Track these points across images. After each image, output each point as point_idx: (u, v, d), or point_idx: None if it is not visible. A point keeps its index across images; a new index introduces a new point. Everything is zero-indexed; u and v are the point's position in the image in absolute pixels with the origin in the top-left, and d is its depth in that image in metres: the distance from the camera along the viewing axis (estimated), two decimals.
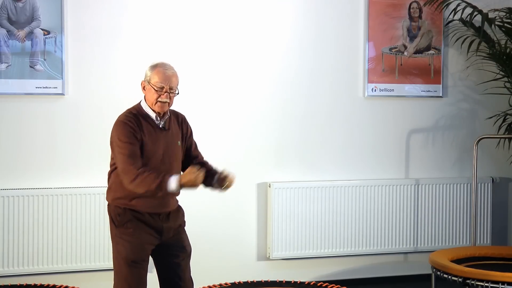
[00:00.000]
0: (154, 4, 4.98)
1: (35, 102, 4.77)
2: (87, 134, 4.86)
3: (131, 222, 3.47)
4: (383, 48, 5.51)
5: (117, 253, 3.50)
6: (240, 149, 5.23)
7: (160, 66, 3.48)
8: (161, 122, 3.51)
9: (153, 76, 3.46)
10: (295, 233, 5.26)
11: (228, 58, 5.17)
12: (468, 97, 5.78)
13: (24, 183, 4.74)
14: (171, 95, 3.47)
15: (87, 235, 4.81)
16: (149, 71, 3.49)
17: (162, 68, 3.47)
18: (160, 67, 3.47)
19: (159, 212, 3.50)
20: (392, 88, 5.56)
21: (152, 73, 3.47)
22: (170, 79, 3.46)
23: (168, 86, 3.45)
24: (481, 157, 5.60)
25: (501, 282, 4.15)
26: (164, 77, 3.45)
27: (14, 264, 4.67)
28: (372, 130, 5.54)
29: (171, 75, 3.47)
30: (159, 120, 3.50)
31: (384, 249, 5.50)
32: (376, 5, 5.47)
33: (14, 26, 4.68)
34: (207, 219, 5.08)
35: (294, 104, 5.33)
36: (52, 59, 4.75)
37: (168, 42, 4.98)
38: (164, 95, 3.44)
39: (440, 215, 5.62)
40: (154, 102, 3.45)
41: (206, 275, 4.77)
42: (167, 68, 3.48)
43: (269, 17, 5.25)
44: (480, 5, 5.47)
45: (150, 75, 3.47)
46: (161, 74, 3.45)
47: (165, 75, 3.45)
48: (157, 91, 3.44)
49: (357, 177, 5.48)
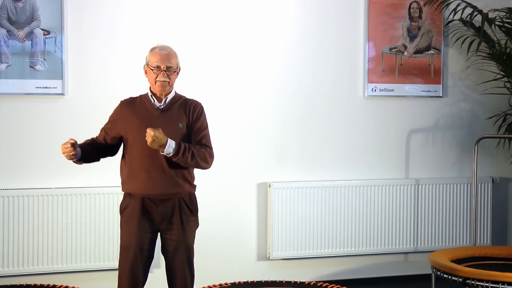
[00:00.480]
0: (154, 4, 4.98)
1: (35, 102, 4.77)
2: (87, 134, 4.82)
3: (127, 209, 3.58)
4: (383, 48, 5.51)
5: (120, 241, 3.63)
6: (240, 149, 5.23)
7: (156, 48, 3.60)
8: (160, 105, 3.59)
9: (150, 58, 3.58)
10: (295, 233, 5.26)
11: (228, 58, 5.17)
12: (468, 97, 5.78)
13: (24, 183, 4.74)
14: (169, 74, 3.55)
15: (87, 235, 4.81)
16: (147, 54, 3.62)
17: (158, 48, 3.59)
18: (156, 48, 3.60)
19: (153, 193, 3.54)
20: (392, 88, 5.56)
21: (149, 55, 3.60)
22: (166, 58, 3.55)
23: (164, 65, 3.54)
24: (481, 157, 5.60)
25: (501, 282, 4.15)
26: (160, 56, 3.55)
27: (14, 264, 4.67)
28: (372, 130, 5.54)
29: (167, 54, 3.57)
30: (157, 102, 3.59)
31: (384, 249, 5.50)
32: (376, 5, 5.47)
33: (14, 26, 4.68)
34: (207, 219, 5.06)
35: (294, 104, 5.33)
36: (52, 59, 4.75)
37: (168, 42, 4.94)
38: (161, 73, 3.53)
39: (440, 215, 5.62)
40: (153, 83, 3.56)
41: (206, 275, 4.77)
42: (163, 48, 3.59)
43: (269, 17, 5.25)
44: (480, 5, 5.47)
45: (148, 57, 3.60)
46: (157, 54, 3.56)
47: (160, 54, 3.55)
48: (153, 70, 3.54)
49: (357, 177, 5.48)
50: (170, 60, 3.56)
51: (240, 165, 5.20)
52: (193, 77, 5.03)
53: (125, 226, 3.58)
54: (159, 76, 3.53)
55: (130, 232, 3.54)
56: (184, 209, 3.62)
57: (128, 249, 3.55)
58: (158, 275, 4.39)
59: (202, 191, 4.97)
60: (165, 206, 3.56)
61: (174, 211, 3.58)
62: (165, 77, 3.53)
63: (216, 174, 5.12)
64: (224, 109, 5.17)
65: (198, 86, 5.06)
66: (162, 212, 3.56)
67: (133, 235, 3.53)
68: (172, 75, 3.57)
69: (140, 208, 3.54)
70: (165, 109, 3.59)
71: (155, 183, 3.53)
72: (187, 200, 3.64)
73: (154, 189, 3.54)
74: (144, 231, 3.54)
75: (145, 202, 3.54)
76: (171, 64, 3.55)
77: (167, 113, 3.58)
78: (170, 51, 3.59)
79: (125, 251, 3.57)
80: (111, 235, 4.79)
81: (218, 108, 5.14)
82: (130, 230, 3.54)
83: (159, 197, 3.55)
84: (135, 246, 3.53)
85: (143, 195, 3.54)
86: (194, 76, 5.05)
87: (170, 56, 3.57)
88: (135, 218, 3.54)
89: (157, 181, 3.53)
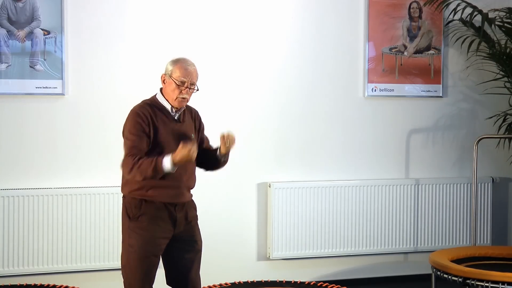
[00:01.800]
0: (154, 4, 4.98)
1: (35, 102, 4.77)
2: (87, 134, 4.86)
3: (145, 215, 3.47)
4: (383, 48, 5.51)
5: (129, 246, 3.49)
6: (240, 149, 5.21)
7: (182, 61, 3.51)
8: (176, 114, 3.54)
9: (175, 70, 3.48)
10: (295, 233, 5.26)
11: (228, 58, 5.17)
12: (468, 97, 5.79)
13: (24, 183, 4.74)
14: (190, 91, 3.50)
15: (87, 235, 4.80)
16: (170, 65, 3.51)
17: (184, 63, 3.51)
18: (183, 62, 3.51)
19: (175, 202, 3.50)
20: (392, 88, 5.56)
21: (174, 67, 3.49)
22: (192, 75, 3.49)
23: (189, 81, 3.48)
24: (481, 157, 5.59)
25: (501, 282, 4.15)
26: (186, 72, 3.48)
27: (14, 264, 4.67)
28: (372, 130, 5.54)
29: (193, 71, 3.51)
30: (174, 112, 3.53)
31: (384, 249, 5.50)
32: (376, 5, 5.47)
33: (14, 26, 4.68)
34: (207, 219, 5.06)
35: (294, 104, 5.33)
36: (52, 59, 4.75)
37: (168, 42, 4.97)
38: (185, 90, 3.47)
39: (440, 215, 5.62)
40: (174, 98, 3.48)
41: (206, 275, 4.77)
42: (189, 64, 3.52)
43: (269, 17, 5.25)
44: (480, 5, 5.47)
45: (172, 69, 3.49)
46: (183, 69, 3.48)
47: (187, 70, 3.49)
48: (178, 85, 3.46)
49: (357, 177, 5.48)
50: (195, 76, 3.51)
51: (240, 165, 5.19)
52: None
53: (142, 232, 3.46)
54: (183, 92, 3.46)
55: (149, 237, 3.46)
56: (192, 210, 3.65)
57: (144, 255, 3.46)
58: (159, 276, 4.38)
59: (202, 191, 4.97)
60: (182, 210, 3.55)
61: (188, 213, 3.58)
62: (187, 94, 3.49)
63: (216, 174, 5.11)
64: (224, 109, 5.17)
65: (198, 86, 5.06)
66: (180, 216, 3.53)
67: (152, 241, 3.46)
68: (191, 92, 3.52)
69: (163, 214, 3.48)
70: (181, 120, 3.57)
71: (183, 191, 3.52)
72: (191, 201, 3.67)
73: (181, 197, 3.52)
74: (163, 237, 3.50)
75: (167, 208, 3.49)
76: (194, 81, 3.51)
77: (183, 124, 3.57)
78: (196, 68, 3.54)
79: (140, 257, 3.46)
80: (111, 235, 4.79)
81: (218, 108, 5.14)
82: (150, 236, 3.46)
83: (179, 202, 3.53)
84: (154, 251, 3.48)
85: (165, 202, 3.48)
86: None
87: (195, 74, 3.52)
88: (156, 223, 3.47)
89: (184, 189, 3.53)
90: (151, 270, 3.51)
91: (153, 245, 3.48)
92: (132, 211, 3.49)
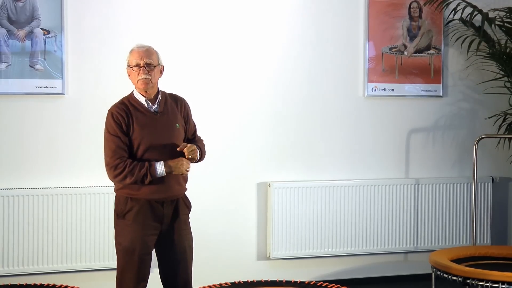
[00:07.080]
0: (154, 4, 4.98)
1: (35, 102, 4.77)
2: (87, 134, 4.85)
3: (130, 213, 3.49)
4: (383, 48, 5.51)
5: (118, 244, 3.55)
6: (240, 149, 5.23)
7: (133, 47, 3.56)
8: (152, 106, 3.54)
9: (129, 57, 3.54)
10: (295, 233, 5.26)
11: (227, 58, 5.17)
12: (468, 96, 5.79)
13: (24, 183, 4.74)
14: (149, 70, 3.49)
15: (87, 235, 4.81)
16: (127, 56, 3.57)
17: (135, 47, 3.55)
18: (134, 47, 3.55)
19: (163, 197, 3.51)
20: (392, 88, 5.56)
21: (129, 55, 3.55)
22: (145, 55, 3.50)
23: (143, 62, 3.48)
24: (481, 157, 5.60)
25: (501, 282, 4.15)
26: (138, 54, 3.50)
27: (14, 264, 4.67)
28: (372, 130, 5.54)
29: (145, 50, 3.52)
30: (150, 104, 3.54)
31: (384, 249, 5.50)
32: (376, 5, 5.47)
33: (14, 25, 4.68)
34: (207, 219, 5.08)
35: (294, 104, 5.33)
36: (52, 59, 4.75)
37: (168, 42, 4.97)
38: (141, 70, 3.47)
39: (440, 215, 5.62)
40: (136, 82, 3.51)
41: (206, 275, 4.77)
42: (140, 46, 3.55)
43: (268, 17, 5.25)
44: (480, 4, 5.48)
45: (128, 58, 3.55)
46: (135, 53, 3.52)
47: (138, 52, 3.51)
48: (135, 70, 3.49)
49: (357, 177, 5.48)
50: (149, 56, 3.49)
51: (240, 165, 5.20)
52: (193, 77, 5.04)
53: (128, 229, 3.49)
54: (140, 73, 3.47)
55: (135, 236, 3.48)
56: (183, 208, 3.64)
57: (132, 253, 3.48)
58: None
59: (202, 191, 4.99)
60: (170, 207, 3.56)
61: (177, 210, 3.59)
62: (145, 73, 3.47)
63: (216, 173, 5.13)
64: (223, 109, 5.17)
65: (198, 86, 5.06)
66: (167, 213, 3.54)
67: (138, 239, 3.48)
68: (153, 72, 3.50)
69: (147, 211, 3.49)
70: (160, 111, 3.56)
71: (168, 188, 3.52)
72: (184, 198, 3.68)
73: (164, 193, 3.52)
74: (150, 234, 3.51)
75: (152, 205, 3.51)
76: (150, 60, 3.49)
77: (164, 116, 3.55)
78: (149, 48, 3.54)
79: (128, 255, 3.50)
80: (111, 235, 4.75)
81: (218, 108, 5.14)
82: (135, 234, 3.48)
83: (166, 199, 3.54)
84: (141, 249, 3.49)
85: (149, 199, 3.50)
86: (194, 76, 5.05)
87: (148, 53, 3.51)
88: (141, 221, 3.49)
89: (170, 186, 3.53)
90: (141, 267, 3.51)
91: (140, 242, 3.49)
92: (119, 208, 3.54)
